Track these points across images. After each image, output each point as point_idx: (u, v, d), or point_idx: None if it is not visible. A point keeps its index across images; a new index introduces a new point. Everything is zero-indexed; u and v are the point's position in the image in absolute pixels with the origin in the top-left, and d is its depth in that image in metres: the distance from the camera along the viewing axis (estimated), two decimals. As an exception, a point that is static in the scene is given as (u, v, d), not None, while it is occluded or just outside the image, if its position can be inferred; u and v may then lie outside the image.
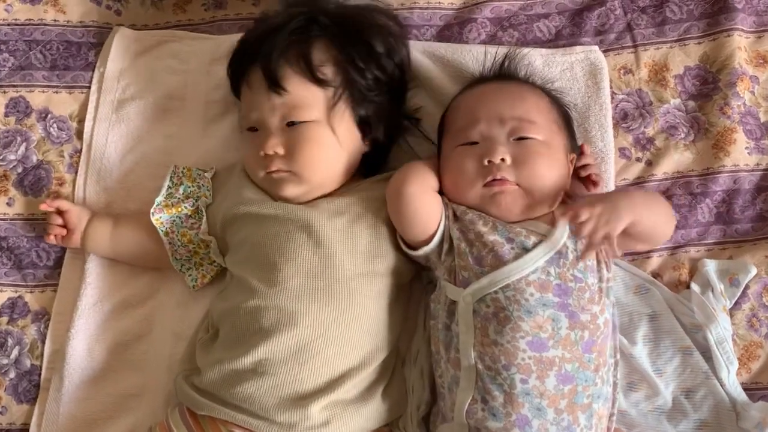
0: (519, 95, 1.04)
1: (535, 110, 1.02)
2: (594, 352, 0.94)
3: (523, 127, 1.00)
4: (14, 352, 1.13)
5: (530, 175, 0.98)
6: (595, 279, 0.97)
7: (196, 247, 1.09)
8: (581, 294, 0.94)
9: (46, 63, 1.24)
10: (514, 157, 0.98)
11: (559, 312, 0.93)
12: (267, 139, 1.01)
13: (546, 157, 0.99)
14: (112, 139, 1.20)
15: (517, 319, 0.92)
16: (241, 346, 0.97)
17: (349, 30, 1.05)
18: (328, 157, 1.03)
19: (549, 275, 0.94)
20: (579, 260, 0.95)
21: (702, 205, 1.14)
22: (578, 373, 0.93)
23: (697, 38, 1.21)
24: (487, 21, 1.23)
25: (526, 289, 0.93)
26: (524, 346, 0.92)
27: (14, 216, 1.18)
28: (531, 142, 0.99)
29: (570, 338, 0.92)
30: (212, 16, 1.28)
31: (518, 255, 0.95)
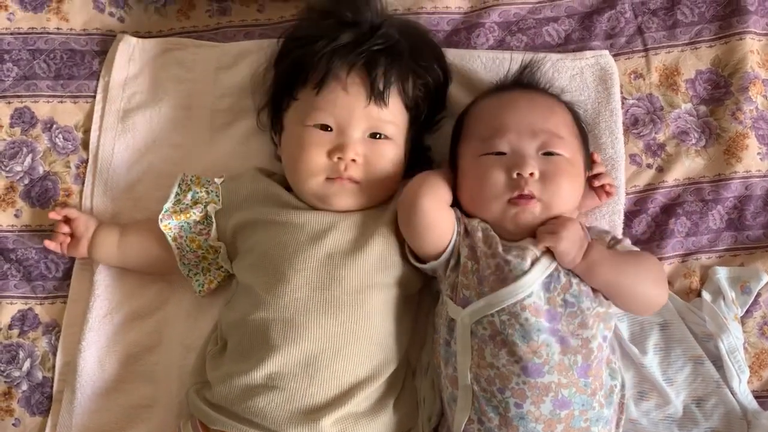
0: (550, 108, 1.02)
1: (563, 125, 1.01)
2: (590, 376, 0.93)
3: (553, 142, 0.98)
4: (26, 364, 1.13)
5: (554, 193, 0.96)
6: (592, 303, 0.95)
7: (204, 252, 1.09)
8: (571, 319, 0.93)
9: (50, 72, 1.23)
10: (542, 173, 0.97)
11: (551, 337, 0.92)
12: (349, 144, 1.00)
13: (571, 175, 0.98)
14: (118, 149, 1.19)
15: (512, 345, 0.92)
16: (249, 360, 0.97)
17: (432, 59, 1.08)
18: (395, 176, 1.05)
19: (541, 299, 0.93)
20: (572, 285, 0.94)
21: (713, 211, 1.14)
22: (575, 398, 0.92)
23: (708, 41, 1.19)
24: (496, 25, 1.21)
25: (521, 313, 0.92)
26: (518, 371, 0.91)
27: (22, 228, 1.18)
28: (558, 159, 0.98)
29: (564, 363, 0.92)
30: (217, 22, 1.26)
31: (516, 278, 0.93)
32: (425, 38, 1.12)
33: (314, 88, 1.02)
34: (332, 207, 1.02)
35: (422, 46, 1.08)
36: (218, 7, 1.27)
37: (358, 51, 1.01)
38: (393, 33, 1.05)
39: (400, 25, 1.09)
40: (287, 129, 1.07)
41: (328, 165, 1.01)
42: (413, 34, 1.09)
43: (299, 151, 1.02)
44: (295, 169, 1.03)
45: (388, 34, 1.04)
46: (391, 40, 1.04)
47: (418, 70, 1.06)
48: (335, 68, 1.01)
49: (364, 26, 1.04)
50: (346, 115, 1.01)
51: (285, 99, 1.07)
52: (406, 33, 1.07)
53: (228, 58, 1.21)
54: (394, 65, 1.02)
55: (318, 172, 1.01)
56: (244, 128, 1.18)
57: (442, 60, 1.11)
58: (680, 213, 1.13)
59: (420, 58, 1.06)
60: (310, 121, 1.02)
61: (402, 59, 1.03)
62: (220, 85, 1.20)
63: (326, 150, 1.01)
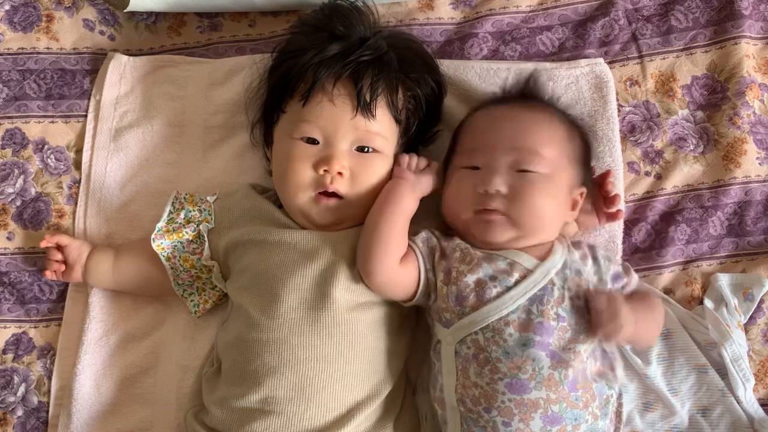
0: (534, 124, 1.00)
1: (547, 142, 0.99)
2: (579, 389, 0.92)
3: (528, 160, 0.97)
4: (21, 389, 1.11)
5: (523, 209, 0.95)
6: (581, 318, 0.93)
7: (198, 272, 1.08)
8: (563, 333, 0.92)
9: (40, 92, 1.22)
10: (511, 189, 0.96)
11: (540, 351, 0.90)
12: (335, 157, 0.99)
13: (544, 192, 0.96)
14: (111, 169, 1.18)
15: (495, 361, 0.90)
16: (244, 383, 0.95)
17: (423, 71, 1.06)
18: (380, 190, 1.02)
19: (530, 314, 0.92)
20: (564, 299, 0.93)
21: (713, 218, 1.13)
22: (566, 413, 0.90)
23: (703, 47, 1.19)
24: (489, 35, 1.21)
25: (505, 329, 0.91)
26: (503, 389, 0.90)
27: (15, 250, 1.16)
28: (532, 176, 0.96)
29: (553, 378, 0.90)
30: (208, 38, 1.25)
31: (499, 294, 0.92)
32: (417, 50, 1.10)
33: (300, 100, 1.01)
34: (316, 224, 1.01)
35: (413, 58, 1.07)
36: (209, 23, 1.26)
37: (344, 62, 1.00)
38: (382, 44, 1.03)
39: (391, 37, 1.08)
40: (276, 142, 1.06)
41: (315, 178, 0.99)
42: (404, 47, 1.07)
43: (286, 164, 1.01)
44: (284, 184, 1.02)
45: (377, 45, 1.03)
46: (379, 51, 1.02)
47: (408, 82, 1.04)
48: (321, 79, 0.99)
49: (353, 38, 1.03)
50: (332, 127, 0.99)
51: (275, 112, 1.06)
52: (396, 45, 1.06)
53: (220, 74, 1.20)
54: (381, 76, 1.01)
55: (305, 186, 1.00)
56: (238, 144, 1.17)
57: (435, 72, 1.09)
58: (680, 220, 1.13)
59: (410, 69, 1.04)
60: (297, 134, 1.01)
61: (390, 70, 1.02)
62: (213, 102, 1.19)
63: (312, 163, 0.99)
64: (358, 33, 1.03)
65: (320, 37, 1.03)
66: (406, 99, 1.04)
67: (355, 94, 0.99)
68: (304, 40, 1.05)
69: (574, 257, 0.98)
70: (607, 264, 1.00)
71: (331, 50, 1.01)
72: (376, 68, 1.01)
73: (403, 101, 1.04)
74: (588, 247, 1.01)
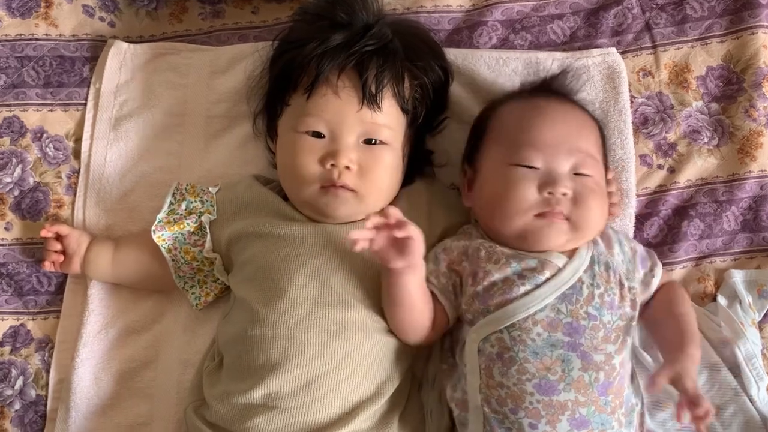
0: (586, 126, 0.99)
1: (595, 145, 0.99)
2: (610, 394, 0.89)
3: (587, 163, 0.95)
4: (18, 382, 1.10)
5: (584, 215, 0.93)
6: (613, 317, 0.92)
7: (199, 264, 1.06)
8: (594, 333, 0.90)
9: (39, 80, 1.20)
10: (573, 193, 0.93)
11: (570, 352, 0.88)
12: (342, 151, 0.96)
13: (600, 197, 0.95)
14: (110, 158, 1.15)
15: (522, 361, 0.88)
16: (248, 379, 0.93)
17: (429, 58, 1.03)
18: (392, 183, 1.01)
19: (559, 313, 0.90)
20: (594, 297, 0.91)
21: (727, 212, 1.10)
22: (594, 417, 0.88)
23: (719, 37, 1.16)
24: (498, 24, 1.18)
25: (533, 328, 0.89)
26: (531, 389, 0.88)
27: (13, 241, 1.14)
28: (588, 179, 0.95)
29: (583, 380, 0.88)
30: (210, 25, 1.23)
31: (528, 292, 0.90)
32: (422, 36, 1.07)
33: (305, 93, 0.98)
34: (330, 218, 0.99)
35: (418, 45, 1.04)
36: (211, 9, 1.23)
37: (348, 53, 0.97)
38: (386, 32, 1.00)
39: (395, 23, 1.05)
40: (280, 136, 1.03)
41: (321, 173, 0.97)
42: (409, 33, 1.04)
43: (292, 159, 0.98)
44: (289, 178, 1.00)
45: (381, 33, 1.00)
46: (384, 40, 0.99)
47: (414, 71, 1.01)
48: (325, 72, 0.96)
49: (356, 27, 1.00)
50: (338, 120, 0.97)
51: (278, 105, 1.03)
52: (400, 32, 1.03)
53: (222, 62, 1.18)
54: (386, 66, 0.98)
55: (311, 180, 0.97)
56: (241, 134, 1.15)
57: (441, 59, 1.06)
58: (693, 215, 1.10)
59: (416, 57, 1.02)
60: (302, 128, 0.98)
61: (395, 59, 0.99)
62: (215, 90, 1.17)
63: (318, 157, 0.97)
64: (361, 20, 1.00)
65: (322, 26, 1.00)
66: (412, 88, 1.02)
67: (360, 86, 0.96)
68: (306, 29, 1.03)
69: (600, 249, 0.96)
70: (633, 246, 0.99)
71: (334, 40, 0.98)
72: (381, 58, 0.98)
73: (409, 90, 1.01)
74: (612, 232, 0.99)
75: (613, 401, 0.89)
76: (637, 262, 0.99)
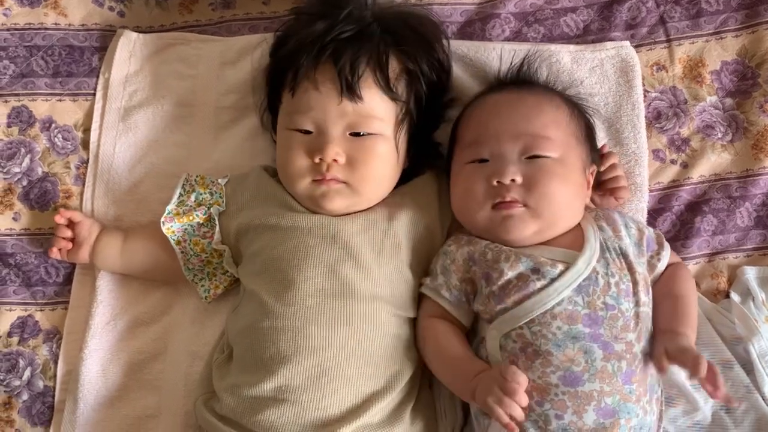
0: (536, 107, 0.97)
1: (552, 125, 0.95)
2: (634, 383, 0.89)
3: (537, 145, 0.93)
4: (26, 373, 1.09)
5: (542, 197, 0.92)
6: (630, 304, 0.91)
7: (209, 256, 1.05)
8: (613, 322, 0.89)
9: (48, 70, 1.19)
10: (525, 177, 0.92)
11: (592, 343, 0.88)
12: (327, 144, 0.95)
13: (560, 176, 0.93)
14: (119, 149, 1.15)
15: (546, 354, 0.88)
16: (258, 371, 0.93)
17: (416, 42, 1.00)
18: (386, 173, 0.99)
19: (576, 305, 0.89)
20: (610, 286, 0.90)
21: (741, 209, 1.09)
22: (620, 406, 0.88)
23: (734, 31, 1.15)
24: (511, 16, 1.17)
25: (552, 322, 0.88)
26: (557, 381, 0.87)
27: (21, 231, 1.14)
28: (544, 161, 0.93)
29: (607, 370, 0.88)
30: (220, 16, 1.22)
31: (544, 287, 0.89)
32: (409, 20, 1.03)
33: (289, 90, 0.98)
34: (326, 211, 0.98)
35: (401, 27, 1.00)
36: (222, 0, 1.22)
37: (322, 43, 0.95)
38: (365, 16, 0.98)
39: (381, 10, 1.02)
40: (278, 133, 1.03)
41: (311, 167, 0.96)
42: (392, 16, 1.01)
43: (284, 155, 0.99)
44: (283, 173, 1.00)
45: (359, 17, 0.98)
46: (361, 24, 0.97)
47: (399, 55, 0.98)
48: (303, 66, 0.95)
49: (338, 16, 0.97)
50: (321, 115, 0.96)
51: (275, 102, 1.03)
52: (382, 15, 1.00)
53: (232, 53, 1.17)
54: (361, 53, 0.95)
55: (302, 174, 0.97)
56: (250, 125, 1.14)
57: (432, 43, 1.02)
58: (706, 211, 1.09)
59: (398, 39, 0.98)
60: (291, 125, 0.98)
61: (373, 44, 0.96)
62: (225, 81, 1.16)
63: (310, 154, 0.96)
64: (345, 10, 0.98)
65: (307, 21, 0.99)
66: (398, 72, 0.98)
67: (336, 77, 0.94)
68: (293, 26, 1.02)
69: (607, 234, 0.95)
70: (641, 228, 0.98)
71: (312, 33, 0.96)
72: (356, 44, 0.95)
73: (396, 75, 0.98)
74: (618, 216, 0.98)
75: (638, 389, 0.89)
76: (644, 245, 0.97)
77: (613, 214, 0.98)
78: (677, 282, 0.98)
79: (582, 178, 0.97)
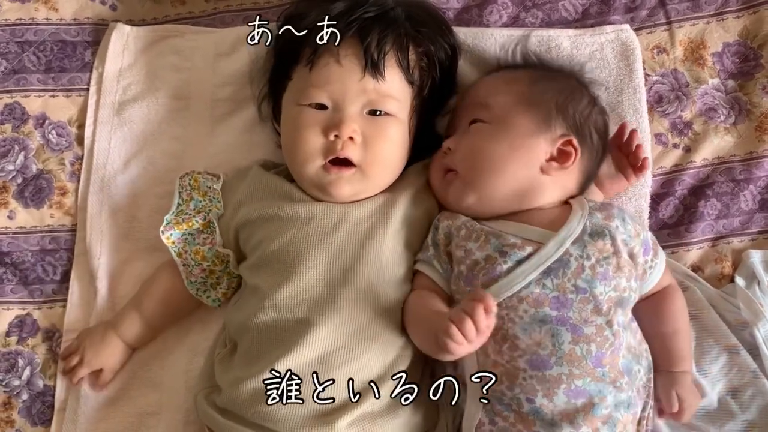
0: (493, 78, 1.02)
1: (499, 92, 0.97)
2: (606, 365, 0.87)
3: (476, 113, 0.97)
4: (26, 372, 1.08)
5: (472, 161, 0.95)
6: (606, 288, 0.89)
7: (210, 264, 1.03)
8: (583, 305, 0.88)
9: (40, 65, 1.17)
10: (459, 145, 0.97)
11: (559, 327, 0.86)
12: (345, 120, 0.93)
13: (491, 138, 0.95)
14: (114, 144, 1.13)
15: (513, 338, 0.87)
16: (260, 362, 0.92)
17: (436, 29, 1.01)
18: (397, 157, 0.98)
19: (545, 288, 0.88)
20: (584, 269, 0.88)
21: (745, 192, 1.08)
22: (591, 387, 0.86)
23: (735, 12, 1.13)
24: (509, 1, 1.15)
25: (519, 306, 0.87)
26: (524, 365, 0.86)
27: (17, 229, 1.12)
28: (480, 126, 0.96)
29: (575, 353, 0.86)
30: (214, 7, 1.21)
31: (510, 269, 0.88)
32: (426, 7, 1.04)
33: (307, 64, 0.96)
34: (332, 198, 0.96)
35: (421, 15, 1.01)
36: (215, -10, 1.21)
37: (348, 19, 0.94)
38: (388, 0, 0.98)
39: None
40: (284, 112, 1.01)
41: (325, 145, 0.94)
42: (411, 3, 1.02)
43: (295, 132, 0.96)
44: (292, 153, 0.97)
45: (382, 1, 0.98)
46: (385, 7, 0.97)
47: (418, 38, 0.99)
48: (326, 40, 0.94)
49: None
50: (340, 89, 0.94)
51: (282, 81, 1.01)
52: (402, 1, 1.00)
53: (227, 44, 1.15)
54: (388, 33, 0.95)
55: (315, 154, 0.95)
56: (247, 117, 1.13)
57: (447, 30, 1.04)
58: (710, 194, 1.08)
59: (419, 25, 0.99)
60: (305, 100, 0.96)
61: (398, 26, 0.96)
62: (220, 73, 1.14)
63: (321, 128, 0.94)
64: None
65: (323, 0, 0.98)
66: (417, 57, 0.99)
67: (362, 54, 0.94)
68: (308, 4, 1.00)
69: (595, 219, 0.92)
70: (638, 228, 0.95)
71: (334, 9, 0.96)
72: (383, 24, 0.95)
73: (415, 60, 0.98)
74: (617, 209, 0.95)
75: (611, 372, 0.88)
76: (640, 243, 0.94)
77: (612, 208, 0.95)
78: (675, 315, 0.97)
79: (526, 142, 0.94)
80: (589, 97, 1.00)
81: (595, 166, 0.99)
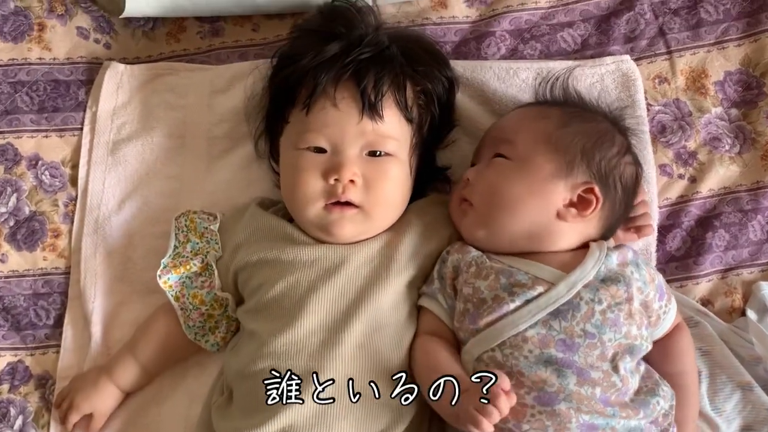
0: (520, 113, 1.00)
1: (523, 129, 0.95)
2: (615, 405, 0.84)
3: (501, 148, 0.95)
4: (18, 422, 1.05)
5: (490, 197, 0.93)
6: (616, 335, 0.86)
7: (209, 308, 1.00)
8: (589, 351, 0.85)
9: (33, 105, 1.16)
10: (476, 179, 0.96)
11: (565, 369, 0.84)
12: (345, 164, 0.92)
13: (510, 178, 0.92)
14: (109, 184, 1.11)
15: (518, 375, 0.84)
16: (260, 413, 0.88)
17: (432, 66, 1.00)
18: (399, 197, 0.96)
19: (551, 329, 0.85)
20: (594, 313, 0.86)
21: (753, 222, 1.06)
22: (600, 420, 0.83)
23: (736, 40, 1.12)
24: (507, 34, 1.14)
25: (523, 345, 0.85)
26: (531, 402, 0.83)
27: (9, 273, 1.10)
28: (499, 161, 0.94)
29: (582, 393, 0.84)
30: (209, 44, 1.19)
31: (517, 308, 0.86)
32: (422, 44, 1.03)
33: (303, 108, 0.94)
34: (335, 238, 0.94)
35: (417, 51, 1.00)
36: (210, 28, 1.20)
37: (344, 62, 0.93)
38: (383, 39, 0.97)
39: (393, 32, 1.01)
40: (282, 155, 1.00)
41: (325, 189, 0.93)
42: (407, 40, 1.01)
43: (294, 177, 0.95)
44: (293, 198, 0.96)
45: (377, 40, 0.96)
46: (380, 46, 0.96)
47: (415, 77, 0.97)
48: (322, 83, 0.93)
49: (352, 37, 0.96)
50: (338, 133, 0.93)
51: (278, 123, 1.00)
52: (398, 39, 0.99)
53: (222, 81, 1.14)
54: (385, 73, 0.94)
55: (315, 197, 0.93)
56: (244, 155, 1.11)
57: (444, 64, 1.03)
58: (717, 225, 1.06)
59: (416, 62, 0.98)
60: (303, 144, 0.94)
61: (394, 65, 0.95)
62: (216, 110, 1.13)
63: (321, 172, 0.93)
64: (358, 32, 0.97)
65: (318, 40, 0.97)
66: (415, 95, 0.98)
67: (359, 96, 0.93)
68: (302, 44, 0.99)
69: (611, 264, 0.90)
70: (652, 273, 0.92)
71: (329, 51, 0.94)
72: (378, 65, 0.94)
73: (412, 98, 0.97)
74: (631, 253, 0.92)
75: (622, 411, 0.85)
76: (655, 289, 0.92)
77: (627, 252, 0.92)
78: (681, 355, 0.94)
79: (546, 185, 0.91)
80: (620, 146, 0.96)
81: (619, 216, 0.95)
